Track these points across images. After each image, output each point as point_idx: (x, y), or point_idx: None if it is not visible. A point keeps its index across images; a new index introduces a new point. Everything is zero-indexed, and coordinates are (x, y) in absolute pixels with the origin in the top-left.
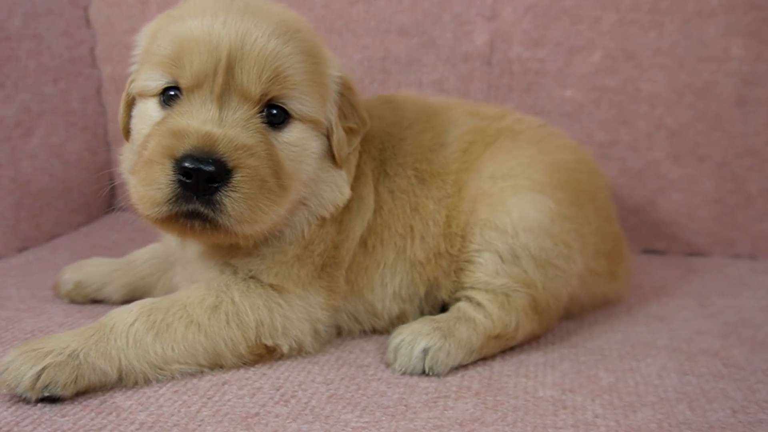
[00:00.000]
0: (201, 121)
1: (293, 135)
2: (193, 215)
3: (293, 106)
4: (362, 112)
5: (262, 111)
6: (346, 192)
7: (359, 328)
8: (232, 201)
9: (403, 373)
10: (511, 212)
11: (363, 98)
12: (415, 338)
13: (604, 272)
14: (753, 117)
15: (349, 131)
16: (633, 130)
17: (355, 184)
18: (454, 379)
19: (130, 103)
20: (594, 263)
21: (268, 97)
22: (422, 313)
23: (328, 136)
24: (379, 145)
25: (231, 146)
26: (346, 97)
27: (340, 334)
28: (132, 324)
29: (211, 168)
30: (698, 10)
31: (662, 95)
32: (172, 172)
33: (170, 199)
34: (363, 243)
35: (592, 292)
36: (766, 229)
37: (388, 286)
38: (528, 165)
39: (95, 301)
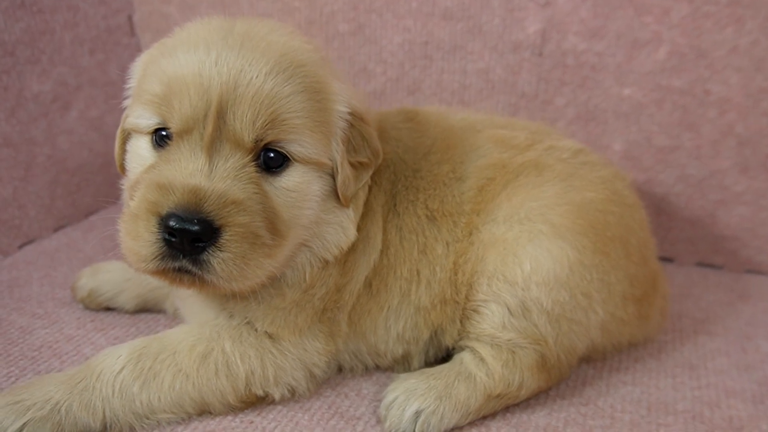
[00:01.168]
0: (189, 172)
1: (292, 180)
2: (181, 270)
3: (292, 149)
4: (375, 143)
5: (257, 157)
6: (352, 234)
7: (362, 366)
8: (220, 261)
9: None
10: (524, 263)
11: (383, 111)
12: (408, 398)
13: (633, 318)
14: None
15: (359, 166)
16: (697, 136)
17: (363, 221)
18: None
19: (125, 139)
20: (621, 311)
21: (264, 142)
22: (427, 354)
23: (333, 175)
24: (392, 176)
25: (219, 203)
26: (356, 128)
27: (341, 370)
28: (119, 372)
29: (196, 228)
30: None
31: (734, 100)
32: (157, 230)
33: (156, 256)
34: (367, 285)
35: (617, 340)
36: None
37: (391, 329)
38: (550, 206)
39: (109, 308)
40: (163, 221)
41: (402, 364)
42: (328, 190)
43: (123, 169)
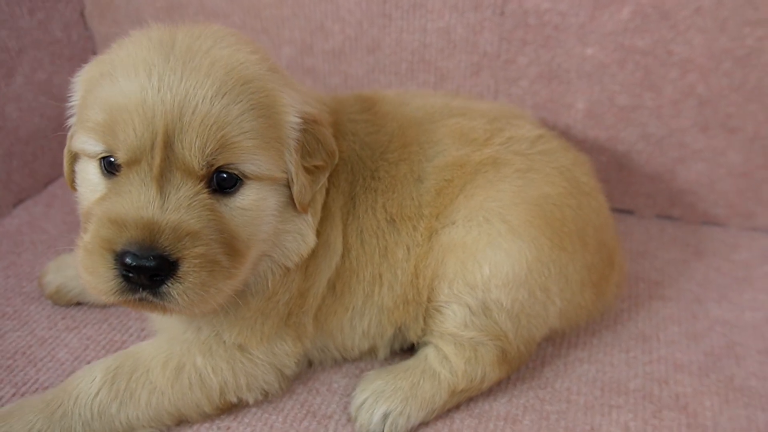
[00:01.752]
0: (140, 205)
1: (247, 198)
2: (143, 300)
3: (245, 168)
4: (330, 144)
5: (210, 181)
6: (311, 240)
7: (330, 359)
8: (180, 291)
9: None
10: (483, 267)
11: (340, 98)
12: (377, 400)
13: (590, 301)
14: None
15: (315, 170)
16: (659, 96)
17: (322, 225)
18: None
19: (73, 159)
20: (578, 297)
21: (216, 167)
22: (392, 346)
23: (289, 185)
24: (350, 176)
25: (174, 236)
26: (309, 132)
27: (311, 364)
28: (96, 395)
29: (152, 264)
30: None
31: (696, 61)
32: (114, 267)
33: (116, 291)
34: (331, 287)
35: (575, 322)
36: None
37: (357, 327)
38: (507, 206)
39: (79, 303)
40: (119, 258)
41: (369, 355)
42: (285, 201)
43: (73, 186)
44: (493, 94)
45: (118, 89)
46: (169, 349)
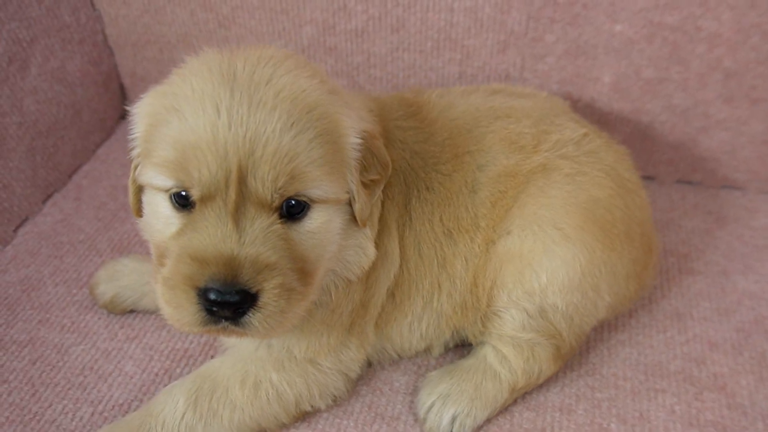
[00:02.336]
0: (218, 240)
1: (315, 222)
2: (224, 328)
3: (313, 195)
4: (384, 156)
5: (281, 210)
6: (372, 253)
7: (389, 358)
8: (260, 319)
9: None
10: (540, 275)
11: (382, 100)
12: (444, 404)
13: (634, 292)
14: None
15: (371, 183)
16: (685, 69)
17: (380, 238)
18: None
19: (139, 189)
20: (624, 290)
21: (286, 197)
22: (446, 347)
23: (350, 203)
24: (403, 188)
25: (253, 269)
26: (366, 148)
27: (370, 365)
28: (182, 418)
29: (236, 298)
30: None
31: (724, 35)
32: (198, 302)
33: (200, 323)
34: (390, 295)
35: (619, 311)
36: None
37: (415, 331)
38: (559, 212)
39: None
40: (203, 294)
41: (424, 353)
42: (348, 218)
43: (138, 212)
44: (519, 71)
45: (188, 127)
46: (244, 368)
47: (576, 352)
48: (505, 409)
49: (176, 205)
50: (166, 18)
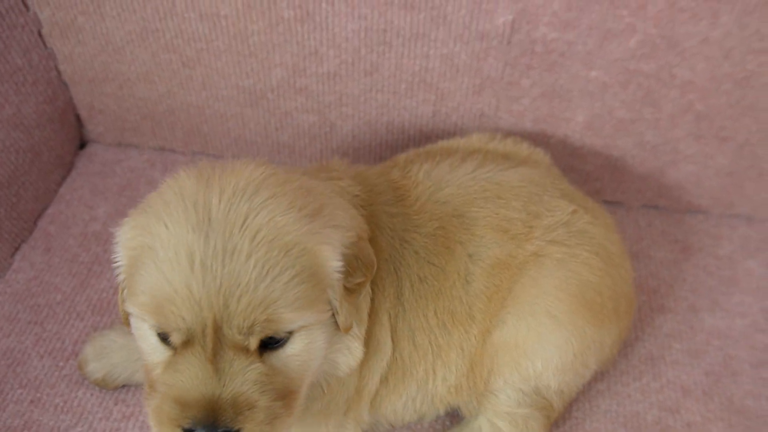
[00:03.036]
0: (198, 383)
1: (297, 347)
2: None
3: (293, 327)
4: (369, 257)
5: (259, 346)
6: (359, 353)
7: (383, 429)
8: None
9: None
10: (535, 362)
11: (369, 181)
12: None
13: (616, 352)
14: None
15: (356, 287)
16: (658, 111)
17: (371, 328)
18: None
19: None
20: (609, 356)
21: (264, 335)
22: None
23: (334, 314)
24: (395, 279)
25: (234, 411)
26: (352, 254)
27: None
28: None
29: None
30: (765, 1)
31: (698, 83)
32: None
33: None
34: (385, 380)
35: (602, 370)
36: None
37: (409, 409)
38: (552, 300)
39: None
40: None
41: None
42: (332, 330)
43: (128, 325)
44: (494, 110)
45: (164, 278)
46: None
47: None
48: None
49: (162, 339)
50: (126, 58)
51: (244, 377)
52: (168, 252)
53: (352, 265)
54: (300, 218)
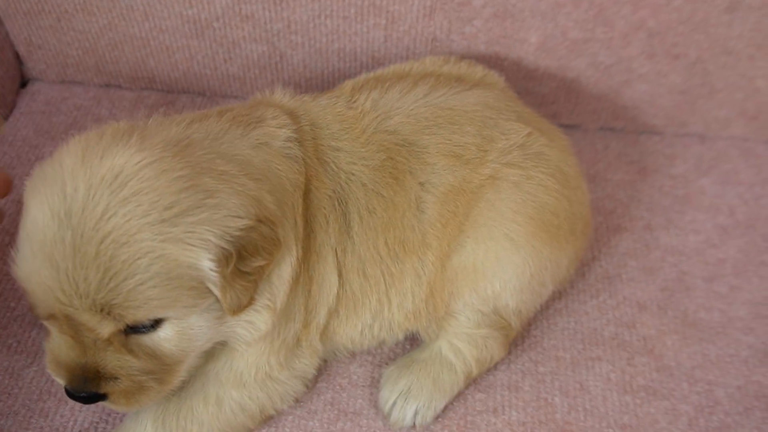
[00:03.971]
0: (65, 348)
1: (169, 333)
2: None
3: (159, 315)
4: (271, 239)
5: (124, 330)
6: (264, 325)
7: (342, 355)
8: (119, 406)
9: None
10: (494, 283)
11: (313, 112)
12: (406, 400)
13: (572, 271)
14: (740, 22)
15: (257, 270)
16: (610, 30)
17: (315, 265)
18: (436, 426)
19: None
20: (565, 275)
21: (117, 329)
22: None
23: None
24: (341, 213)
25: (98, 377)
26: (245, 240)
27: (325, 362)
28: None
29: (85, 396)
30: None
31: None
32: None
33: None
34: (335, 312)
35: (559, 289)
36: (723, 115)
37: (366, 335)
38: (509, 223)
39: None
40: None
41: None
42: (220, 312)
43: None
44: (446, 33)
45: (23, 255)
46: (204, 389)
47: (520, 332)
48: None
49: None
50: None
51: (105, 354)
52: (29, 232)
53: (247, 250)
54: (159, 222)
